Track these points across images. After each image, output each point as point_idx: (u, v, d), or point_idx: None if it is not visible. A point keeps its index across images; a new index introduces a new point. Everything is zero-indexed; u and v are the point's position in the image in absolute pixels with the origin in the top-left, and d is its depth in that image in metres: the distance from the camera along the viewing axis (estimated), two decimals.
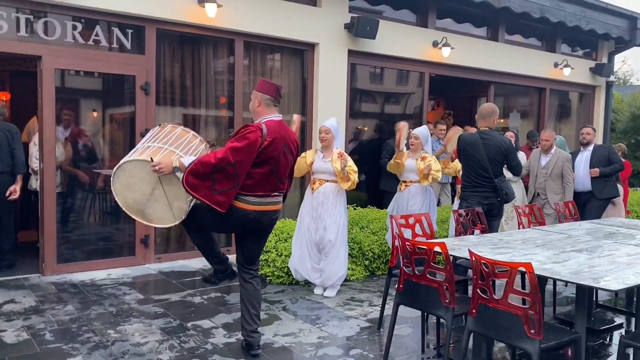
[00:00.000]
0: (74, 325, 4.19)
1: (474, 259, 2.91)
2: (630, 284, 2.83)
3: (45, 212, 5.56)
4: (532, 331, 2.70)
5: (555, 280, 4.35)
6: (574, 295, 4.94)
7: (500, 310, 2.83)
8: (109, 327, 4.18)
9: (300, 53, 7.24)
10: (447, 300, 3.16)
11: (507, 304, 2.79)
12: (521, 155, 6.86)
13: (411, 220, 4.30)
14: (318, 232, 5.05)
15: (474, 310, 2.99)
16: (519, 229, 4.89)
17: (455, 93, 11.25)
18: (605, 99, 11.18)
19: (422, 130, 5.72)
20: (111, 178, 3.48)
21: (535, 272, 3.04)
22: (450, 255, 3.20)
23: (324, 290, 5.14)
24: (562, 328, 3.44)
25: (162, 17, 5.94)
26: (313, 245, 5.11)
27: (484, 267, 2.85)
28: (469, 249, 2.99)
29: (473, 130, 7.05)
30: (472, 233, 4.51)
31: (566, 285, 5.68)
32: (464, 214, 4.59)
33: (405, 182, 5.66)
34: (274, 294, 5.14)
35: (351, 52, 7.46)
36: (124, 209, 3.54)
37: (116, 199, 3.51)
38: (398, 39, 7.80)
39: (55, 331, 4.07)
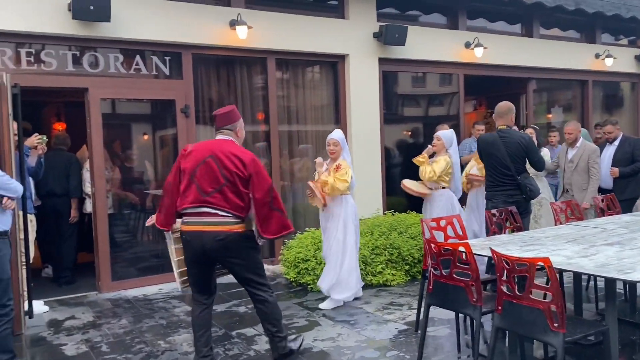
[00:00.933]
0: (128, 338, 4.48)
1: (495, 256, 2.97)
2: None
3: (98, 233, 5.94)
4: (555, 325, 2.73)
5: (595, 277, 4.30)
6: (621, 291, 4.90)
7: (523, 305, 2.88)
8: (159, 338, 4.44)
9: (331, 65, 7.42)
10: (474, 299, 3.22)
11: (529, 299, 2.84)
12: (545, 152, 6.75)
13: (442, 223, 4.36)
14: (324, 245, 5.23)
15: (499, 307, 3.04)
16: (555, 225, 4.85)
17: (496, 92, 11.11)
18: None
19: (446, 133, 5.74)
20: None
21: (560, 266, 3.09)
22: (475, 254, 3.26)
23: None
24: (590, 321, 3.43)
25: (196, 43, 6.26)
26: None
27: (505, 264, 2.91)
28: (490, 247, 3.05)
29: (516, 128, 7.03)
30: (506, 232, 4.52)
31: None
32: (497, 213, 4.61)
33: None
34: (315, 301, 5.29)
35: (382, 60, 7.58)
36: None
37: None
38: (428, 43, 7.86)
39: (111, 343, 4.36)
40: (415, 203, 7.77)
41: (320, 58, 7.28)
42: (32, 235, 5.24)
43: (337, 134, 5.25)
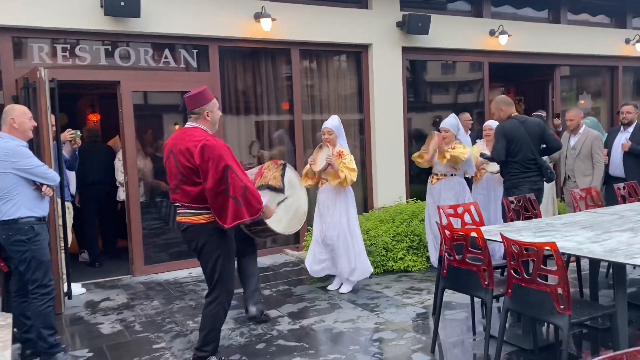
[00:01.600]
0: (159, 318, 4.75)
1: (505, 241, 3.09)
2: None
3: (131, 220, 6.23)
4: (562, 307, 2.84)
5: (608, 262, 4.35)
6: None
7: (531, 288, 2.99)
8: (189, 318, 4.70)
9: (355, 55, 7.53)
10: (486, 282, 3.35)
11: (537, 282, 2.95)
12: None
13: (460, 210, 4.47)
14: (322, 231, 5.21)
15: (509, 290, 3.16)
16: (574, 212, 4.90)
17: (525, 78, 11.02)
18: None
19: (451, 121, 5.74)
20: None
21: (570, 252, 3.19)
22: (487, 239, 3.38)
23: (340, 286, 5.29)
24: (598, 304, 3.51)
25: (222, 35, 6.45)
26: (319, 241, 5.27)
27: (514, 249, 3.03)
28: (500, 233, 3.17)
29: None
30: (524, 219, 4.60)
31: (634, 268, 5.58)
32: (515, 201, 4.69)
33: (436, 175, 5.81)
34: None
35: (405, 49, 7.65)
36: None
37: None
38: (452, 31, 7.88)
39: (143, 323, 4.64)
40: None
41: (343, 48, 7.40)
42: (69, 222, 5.55)
43: (332, 122, 5.21)
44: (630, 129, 6.18)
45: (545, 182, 5.10)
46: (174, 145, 3.56)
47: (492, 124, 5.86)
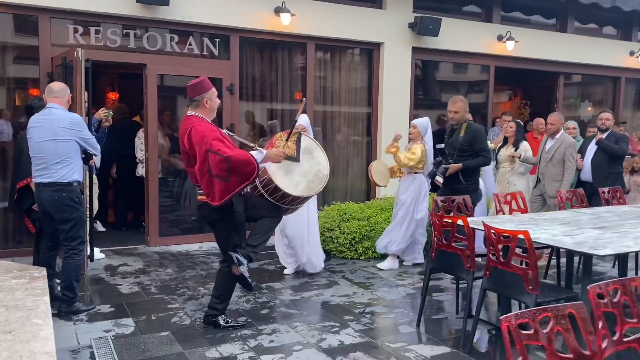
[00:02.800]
0: (173, 283, 5.21)
1: (485, 228, 3.51)
2: (622, 251, 3.31)
3: (149, 194, 6.68)
4: (530, 287, 3.27)
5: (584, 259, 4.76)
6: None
7: (506, 270, 3.42)
8: (200, 285, 5.16)
9: (367, 52, 7.93)
10: (468, 265, 3.78)
11: (510, 266, 3.38)
12: (525, 145, 6.58)
13: (452, 202, 4.90)
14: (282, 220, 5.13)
15: (487, 272, 3.59)
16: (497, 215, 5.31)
17: (532, 83, 11.36)
18: None
19: (422, 121, 5.93)
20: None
21: (544, 242, 3.61)
22: (471, 227, 3.81)
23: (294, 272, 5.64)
24: (563, 289, 3.94)
25: (244, 27, 6.86)
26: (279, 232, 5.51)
27: (493, 235, 3.45)
28: (482, 221, 3.59)
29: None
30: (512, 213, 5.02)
31: (613, 267, 6.00)
32: (502, 197, 5.11)
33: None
34: (336, 265, 5.92)
35: (415, 49, 8.04)
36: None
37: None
38: (461, 34, 8.26)
39: (159, 286, 5.10)
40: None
41: (356, 45, 7.80)
42: (96, 193, 6.02)
43: (304, 118, 5.61)
44: (604, 136, 6.34)
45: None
46: (180, 134, 3.97)
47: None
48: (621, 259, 4.97)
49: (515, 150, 6.44)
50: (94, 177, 6.05)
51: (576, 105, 10.75)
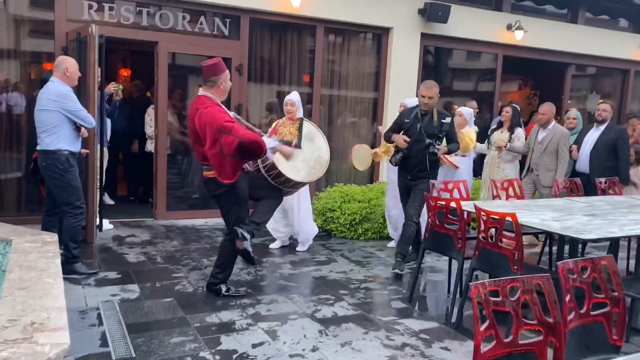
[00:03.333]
0: (178, 254, 5.42)
1: (476, 211, 3.67)
2: (606, 236, 3.46)
3: (158, 169, 6.88)
4: (515, 267, 3.43)
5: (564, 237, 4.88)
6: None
7: (494, 251, 3.58)
8: (203, 257, 5.37)
9: (376, 37, 8.03)
10: (459, 245, 3.94)
11: (498, 247, 3.54)
12: (519, 132, 6.57)
13: (450, 186, 5.03)
14: None
15: (476, 252, 3.75)
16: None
17: (542, 73, 11.36)
18: None
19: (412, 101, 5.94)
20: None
21: (534, 226, 3.76)
22: (463, 210, 3.96)
23: (280, 246, 5.86)
24: (544, 269, 4.09)
25: (255, 8, 6.98)
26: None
27: (483, 217, 3.61)
28: (474, 204, 3.74)
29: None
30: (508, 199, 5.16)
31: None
32: (499, 184, 5.25)
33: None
34: (336, 244, 6.11)
35: (424, 35, 8.12)
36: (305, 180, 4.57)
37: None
38: (470, 22, 8.32)
39: (164, 257, 5.32)
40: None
41: (366, 29, 7.89)
42: (105, 165, 6.22)
43: (295, 95, 5.35)
44: (603, 127, 6.29)
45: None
46: (190, 112, 4.13)
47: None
48: (613, 248, 5.10)
49: (511, 135, 6.46)
50: (105, 150, 6.26)
51: (585, 97, 10.79)
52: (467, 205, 4.06)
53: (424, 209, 5.59)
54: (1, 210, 6.18)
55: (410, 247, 5.31)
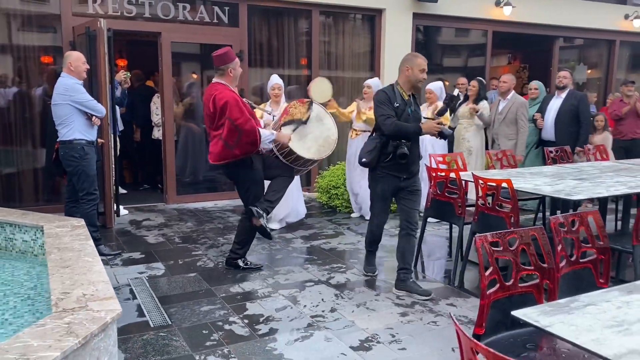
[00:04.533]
0: (194, 234, 5.74)
1: (474, 178, 4.00)
2: (593, 196, 3.80)
3: (167, 155, 7.16)
4: (512, 229, 3.77)
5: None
6: None
7: (491, 215, 3.92)
8: (219, 235, 5.69)
9: (369, 18, 8.27)
10: (459, 212, 4.28)
11: (496, 210, 3.88)
12: (484, 103, 6.59)
13: (448, 159, 5.37)
14: None
15: (476, 217, 4.09)
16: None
17: (530, 47, 11.64)
18: None
19: (375, 82, 6.27)
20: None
21: (527, 190, 4.09)
22: (462, 179, 4.29)
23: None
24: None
25: None
26: None
27: (481, 185, 3.94)
28: (472, 172, 4.07)
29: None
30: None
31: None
32: (494, 154, 5.58)
33: (355, 130, 6.32)
34: (342, 219, 6.44)
35: (415, 15, 8.38)
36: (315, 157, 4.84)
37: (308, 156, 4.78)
38: (461, 0, 8.57)
39: (181, 237, 5.63)
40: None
41: (359, 11, 8.14)
42: (117, 154, 6.50)
43: (278, 80, 5.98)
44: (564, 95, 6.40)
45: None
46: (205, 100, 4.44)
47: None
48: (601, 208, 5.46)
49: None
50: (117, 139, 6.53)
51: (573, 68, 11.10)
52: (466, 175, 4.39)
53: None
54: (21, 201, 6.45)
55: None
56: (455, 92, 4.62)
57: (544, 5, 9.35)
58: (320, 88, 5.76)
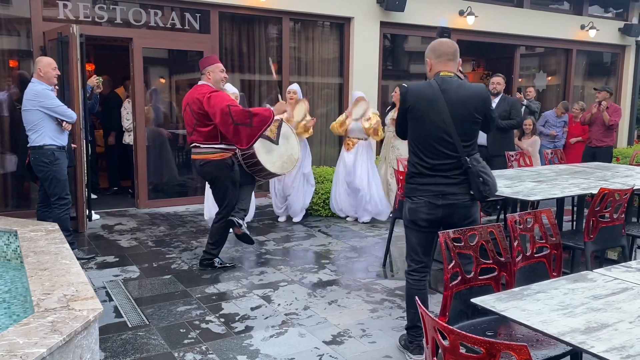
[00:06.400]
0: (167, 238, 5.81)
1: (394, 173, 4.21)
2: (548, 197, 4.06)
3: (138, 160, 7.20)
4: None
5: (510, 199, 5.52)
6: None
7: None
8: (192, 239, 5.78)
9: (338, 26, 8.49)
10: None
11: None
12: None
13: None
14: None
15: (396, 205, 4.30)
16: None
17: (493, 54, 12.06)
18: (635, 58, 11.75)
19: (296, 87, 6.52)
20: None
21: None
22: None
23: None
24: None
25: (223, 2, 7.34)
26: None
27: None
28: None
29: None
30: None
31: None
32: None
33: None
34: (313, 222, 6.61)
35: (383, 23, 8.63)
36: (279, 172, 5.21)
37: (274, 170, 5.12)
38: (426, 10, 8.88)
39: (154, 241, 5.70)
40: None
41: (328, 20, 8.35)
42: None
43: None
44: (497, 100, 6.45)
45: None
46: (188, 99, 4.59)
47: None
48: (558, 209, 5.76)
49: None
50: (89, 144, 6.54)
51: (534, 74, 11.55)
52: None
53: (393, 182, 6.12)
54: None
55: None
56: None
57: (506, 15, 9.74)
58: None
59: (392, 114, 6.70)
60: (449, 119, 2.97)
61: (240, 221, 4.69)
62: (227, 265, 4.78)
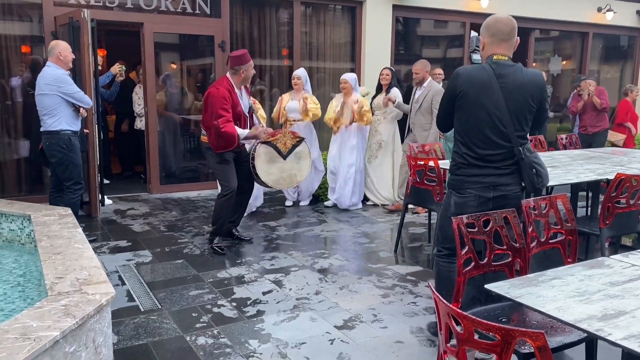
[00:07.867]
0: (179, 223, 5.83)
1: (407, 160, 4.18)
2: (564, 183, 4.01)
3: (150, 146, 7.21)
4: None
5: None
6: None
7: (421, 188, 4.11)
8: (204, 224, 5.79)
9: (350, 9, 8.39)
10: (437, 198, 4.45)
11: (425, 184, 4.05)
12: (394, 91, 6.44)
13: (427, 148, 5.53)
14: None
15: (408, 191, 4.27)
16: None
17: None
18: None
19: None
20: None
21: None
22: (442, 168, 4.46)
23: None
24: None
25: None
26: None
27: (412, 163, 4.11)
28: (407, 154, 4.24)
29: None
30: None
31: None
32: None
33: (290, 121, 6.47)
34: (324, 208, 6.59)
35: (395, 7, 8.51)
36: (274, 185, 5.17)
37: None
38: None
39: (167, 225, 5.72)
40: None
41: (340, 2, 8.25)
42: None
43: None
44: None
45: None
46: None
47: (346, 76, 6.36)
48: (572, 194, 5.69)
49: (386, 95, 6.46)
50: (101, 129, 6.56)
51: (548, 59, 11.36)
52: (444, 164, 4.56)
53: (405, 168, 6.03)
54: (3, 191, 6.46)
55: None
56: None
57: None
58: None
59: (379, 99, 6.54)
60: (503, 106, 2.78)
61: (220, 244, 4.89)
62: (244, 238, 5.06)
